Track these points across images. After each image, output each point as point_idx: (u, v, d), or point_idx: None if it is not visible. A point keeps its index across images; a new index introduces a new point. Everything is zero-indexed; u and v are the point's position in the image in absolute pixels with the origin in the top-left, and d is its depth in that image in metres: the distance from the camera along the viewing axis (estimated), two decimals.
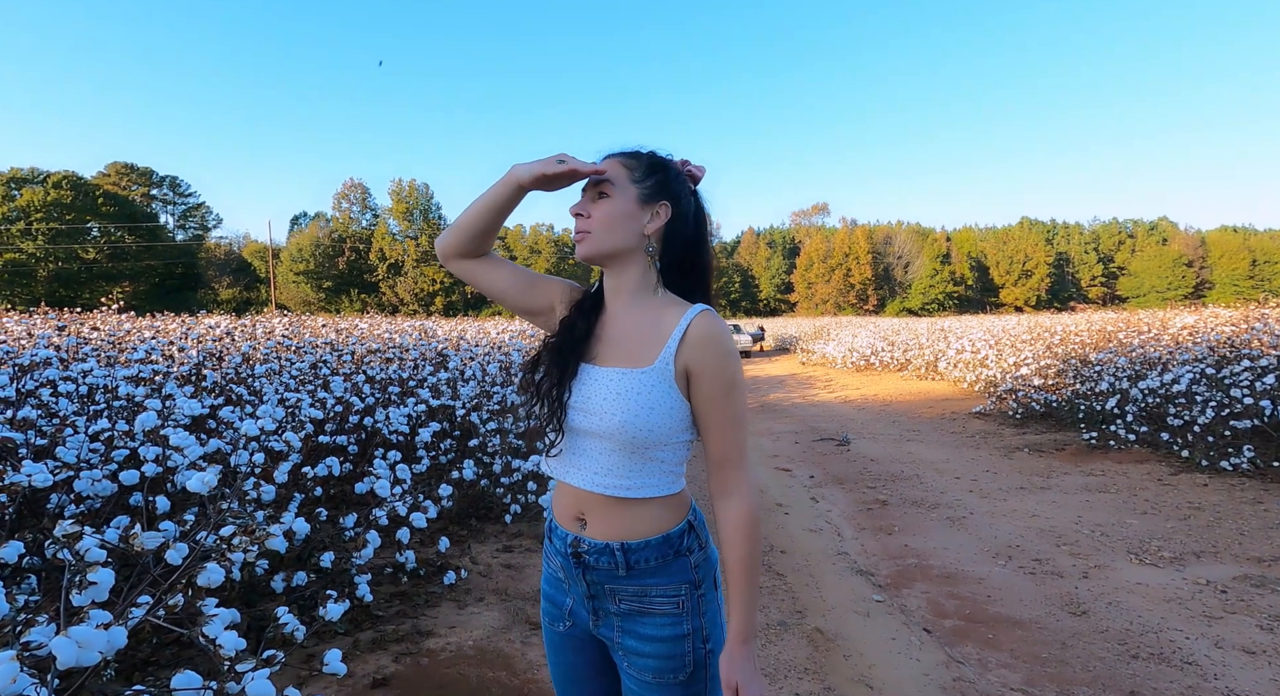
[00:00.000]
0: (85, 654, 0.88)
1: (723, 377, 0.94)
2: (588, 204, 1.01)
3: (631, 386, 0.94)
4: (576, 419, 0.98)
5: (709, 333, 0.95)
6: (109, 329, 4.99)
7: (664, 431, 0.94)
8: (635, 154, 1.03)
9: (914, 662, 2.41)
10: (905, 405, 9.37)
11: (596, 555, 0.97)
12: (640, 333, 0.99)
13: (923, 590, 3.08)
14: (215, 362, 4.16)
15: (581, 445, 0.99)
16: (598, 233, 0.99)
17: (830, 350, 17.31)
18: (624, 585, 0.97)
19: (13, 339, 4.40)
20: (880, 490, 4.84)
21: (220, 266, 52.73)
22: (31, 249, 38.83)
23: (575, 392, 0.99)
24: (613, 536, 0.96)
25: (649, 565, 0.96)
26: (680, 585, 0.97)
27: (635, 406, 0.92)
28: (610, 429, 0.93)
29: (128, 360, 3.22)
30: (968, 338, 12.06)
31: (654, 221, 1.00)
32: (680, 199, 1.02)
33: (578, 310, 1.06)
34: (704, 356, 0.94)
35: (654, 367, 0.94)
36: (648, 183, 1.00)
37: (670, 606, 0.96)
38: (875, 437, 6.94)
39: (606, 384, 0.96)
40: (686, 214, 1.03)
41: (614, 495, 0.95)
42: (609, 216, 0.99)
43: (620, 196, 0.99)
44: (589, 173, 1.01)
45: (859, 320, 30.01)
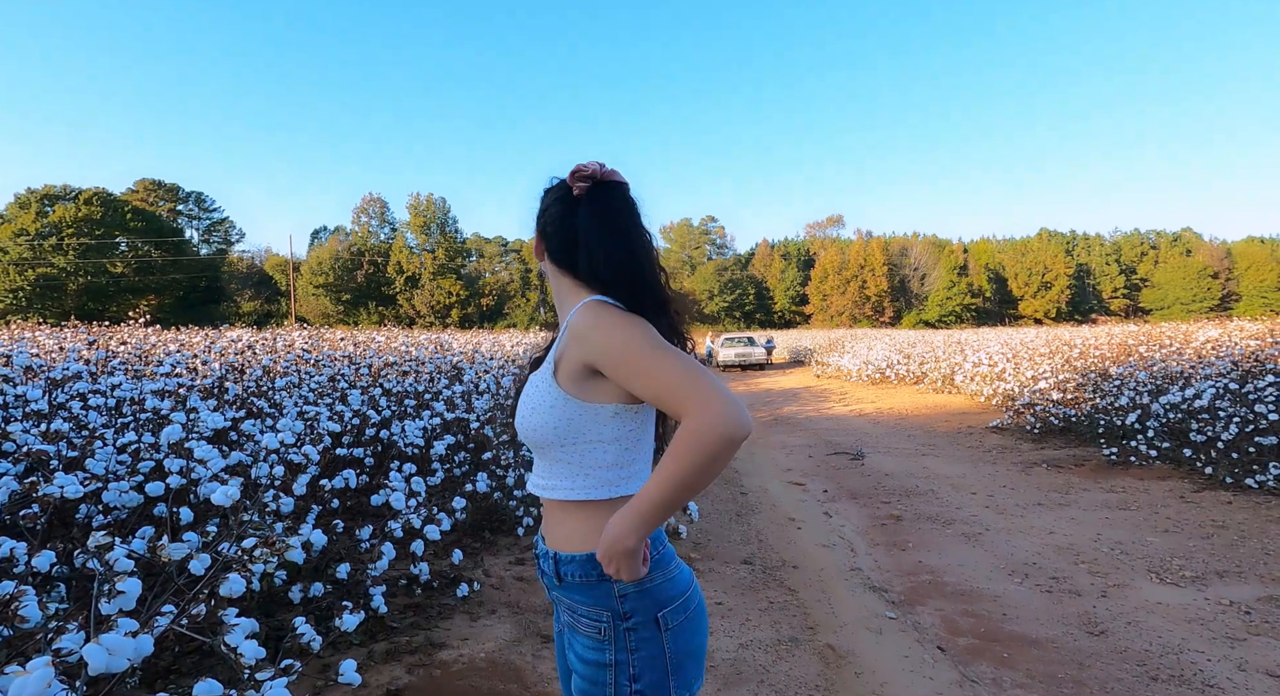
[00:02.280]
0: (115, 661, 0.92)
1: (615, 354, 0.91)
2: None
3: (530, 389, 0.99)
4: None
5: (580, 322, 0.96)
6: (135, 343, 5.14)
7: (550, 431, 0.95)
8: (546, 191, 1.11)
9: (927, 681, 2.39)
10: (921, 419, 9.27)
11: (541, 559, 1.01)
12: (551, 339, 1.06)
13: (937, 607, 3.05)
14: (237, 376, 4.26)
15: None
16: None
17: (845, 363, 17.19)
18: (559, 596, 0.99)
19: (44, 352, 4.55)
20: (894, 505, 4.80)
21: (243, 280, 53.85)
22: (62, 264, 39.97)
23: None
24: (551, 544, 0.99)
25: (574, 580, 0.95)
26: (602, 611, 0.94)
27: (525, 408, 0.98)
28: (519, 427, 1.00)
29: (154, 373, 3.31)
30: (985, 350, 11.93)
31: (537, 251, 1.10)
32: (539, 219, 1.09)
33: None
34: (587, 345, 0.93)
35: (541, 370, 1.00)
36: (542, 225, 1.09)
37: (592, 631, 0.94)
38: (890, 451, 6.87)
39: (525, 390, 1.03)
40: (545, 229, 1.07)
41: (537, 495, 1.01)
42: (530, 251, 1.16)
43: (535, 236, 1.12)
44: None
45: (874, 332, 29.78)
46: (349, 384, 4.18)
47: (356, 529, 2.51)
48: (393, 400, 4.25)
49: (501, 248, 63.41)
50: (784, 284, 63.93)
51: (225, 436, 2.72)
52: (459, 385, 4.82)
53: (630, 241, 1.02)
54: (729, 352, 20.66)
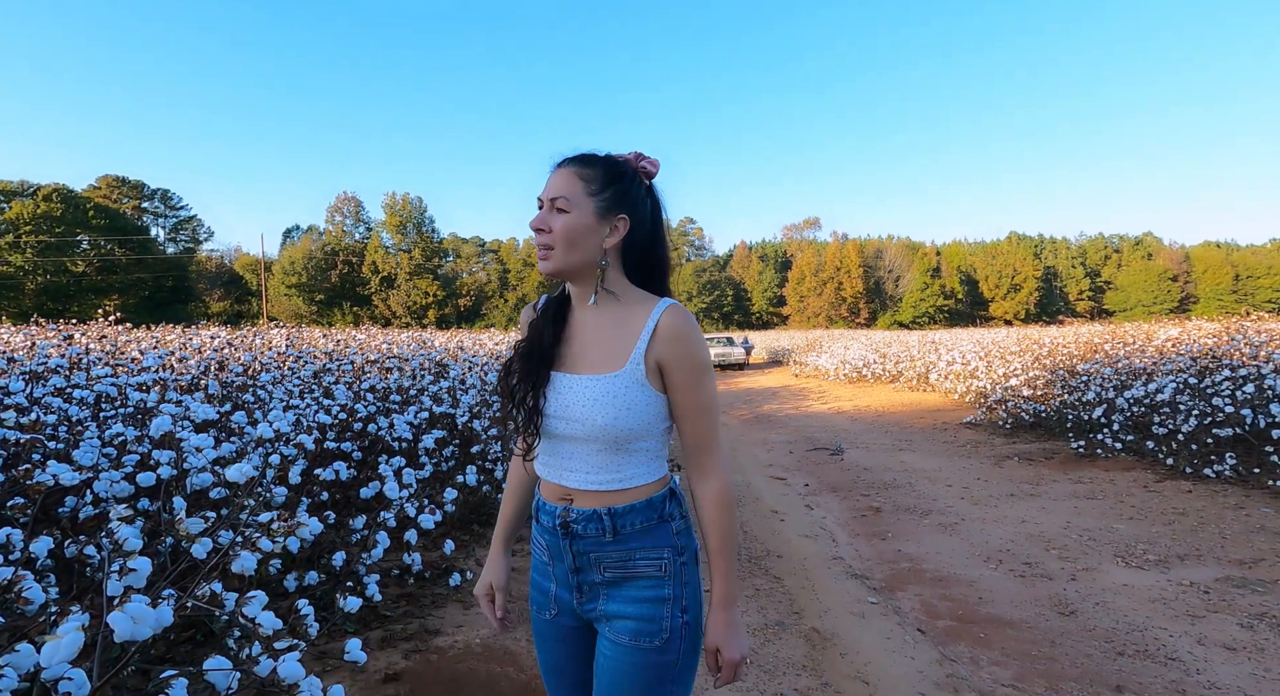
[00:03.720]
0: (139, 629, 0.94)
1: (693, 368, 0.98)
2: (547, 218, 1.01)
3: (606, 392, 0.97)
4: (557, 426, 1.01)
5: (677, 326, 0.98)
6: (110, 340, 5.02)
7: (643, 427, 0.98)
8: (589, 161, 1.02)
9: (908, 661, 2.48)
10: (897, 416, 9.48)
11: (585, 522, 1.00)
12: (607, 336, 1.02)
13: (916, 592, 3.15)
14: (218, 371, 4.20)
15: (565, 449, 1.02)
16: (559, 250, 1.00)
17: (823, 362, 17.45)
18: (609, 551, 1.00)
19: (14, 350, 4.43)
20: (874, 498, 4.92)
21: (211, 279, 52.54)
22: (20, 262, 38.58)
23: (551, 401, 1.01)
24: (598, 502, 1.01)
25: (634, 528, 0.99)
26: (663, 549, 1.00)
27: (613, 411, 0.96)
28: (592, 433, 0.97)
29: (141, 368, 3.26)
30: (958, 350, 12.23)
31: (613, 235, 1.02)
32: (637, 207, 1.03)
33: (544, 316, 1.09)
34: (674, 350, 0.97)
35: (625, 371, 0.98)
36: (605, 195, 1.00)
37: (653, 569, 0.99)
38: (868, 447, 7.03)
39: (582, 391, 0.99)
40: (644, 221, 1.04)
41: (604, 489, 1.00)
42: (568, 232, 0.99)
43: (578, 211, 0.99)
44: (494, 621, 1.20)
45: (851, 333, 30.23)
46: (334, 379, 4.16)
47: (348, 520, 2.52)
48: (378, 395, 4.23)
49: (479, 248, 62.90)
50: (761, 285, 64.57)
51: (212, 428, 2.70)
52: (444, 381, 4.81)
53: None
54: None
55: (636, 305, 1.02)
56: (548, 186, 1.02)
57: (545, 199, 1.02)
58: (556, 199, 0.99)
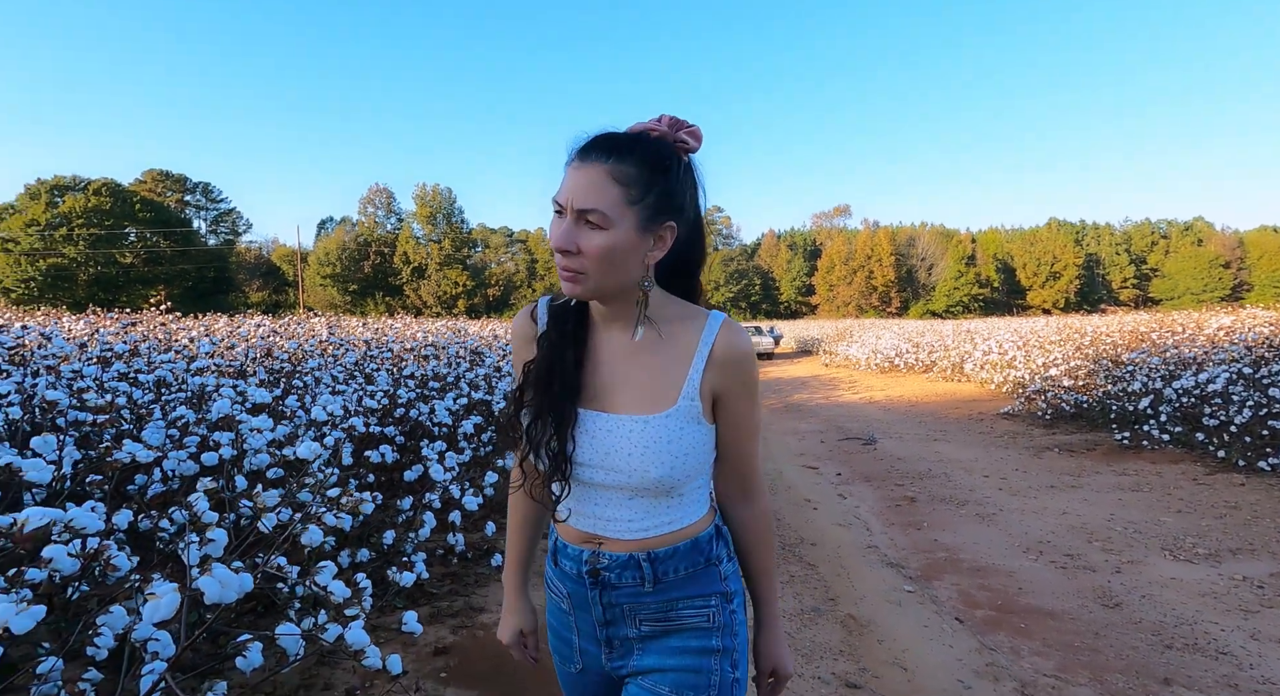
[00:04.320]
0: (226, 592, 1.01)
1: (751, 392, 0.87)
2: (575, 234, 0.78)
3: (656, 436, 0.81)
4: (591, 476, 0.84)
5: (737, 349, 0.84)
6: (164, 328, 5.25)
7: (699, 469, 0.85)
8: (624, 152, 0.78)
9: (947, 648, 2.47)
10: (931, 406, 9.32)
11: (619, 570, 0.85)
12: (649, 363, 0.85)
13: (953, 582, 3.13)
14: (265, 358, 4.36)
15: (598, 496, 0.86)
16: (594, 275, 0.79)
17: (853, 352, 17.22)
18: (648, 601, 0.86)
19: (75, 337, 4.66)
20: (908, 487, 4.87)
21: (250, 270, 54.13)
22: (73, 253, 40.28)
23: (584, 446, 0.84)
24: (636, 548, 0.85)
25: (678, 575, 0.86)
26: (710, 596, 0.87)
27: (668, 459, 0.81)
28: (641, 485, 0.82)
29: (197, 355, 3.41)
30: (994, 339, 11.95)
31: (658, 248, 0.82)
32: (685, 208, 0.84)
33: (559, 333, 0.88)
34: (733, 376, 0.84)
35: (678, 409, 0.82)
36: (648, 201, 0.79)
37: (700, 619, 0.86)
38: (901, 437, 6.94)
39: (625, 436, 0.82)
40: (692, 217, 0.86)
41: (649, 537, 0.85)
42: (606, 254, 0.78)
43: (618, 227, 0.77)
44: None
45: (882, 322, 29.74)
46: (376, 366, 4.28)
47: (395, 501, 2.61)
48: (416, 382, 4.35)
49: (507, 238, 63.44)
50: (790, 274, 63.79)
51: (264, 412, 2.81)
52: (480, 368, 4.91)
53: None
54: None
55: (680, 322, 0.86)
56: (571, 188, 0.78)
57: (569, 207, 0.78)
58: (589, 213, 0.77)
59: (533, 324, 0.92)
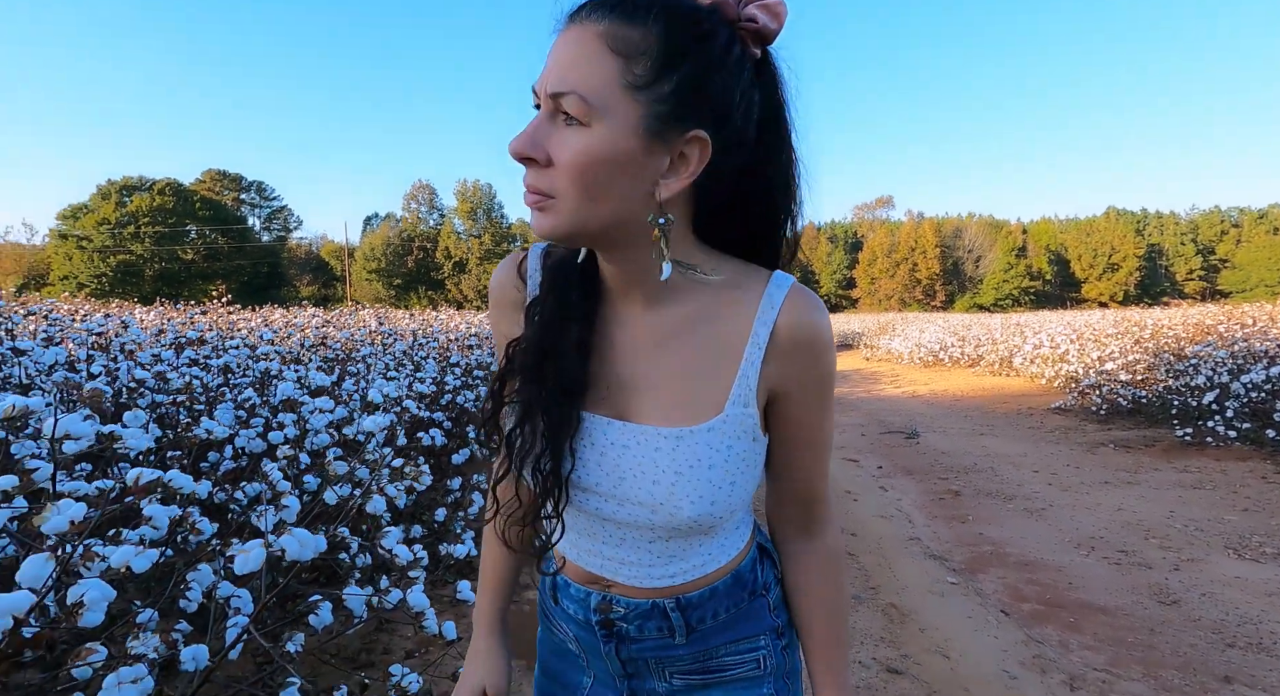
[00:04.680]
0: (304, 550, 1.10)
1: (825, 393, 0.61)
2: (541, 134, 0.51)
3: (696, 457, 0.57)
4: (599, 506, 0.61)
5: (808, 330, 0.58)
6: (227, 319, 5.55)
7: (749, 497, 0.62)
8: (635, 8, 0.50)
9: (991, 639, 2.44)
10: (977, 400, 9.07)
11: (639, 621, 0.65)
12: (687, 352, 0.59)
13: (999, 575, 3.07)
14: (319, 347, 4.57)
15: (607, 532, 0.63)
16: (569, 198, 0.51)
17: (896, 346, 16.85)
18: (680, 654, 0.66)
19: (148, 326, 4.98)
20: (952, 481, 4.78)
21: (301, 265, 56.24)
22: (139, 250, 42.61)
23: (589, 465, 0.60)
24: (659, 592, 0.64)
25: (717, 621, 0.65)
26: (759, 636, 0.67)
27: (708, 489, 0.57)
28: (669, 525, 0.59)
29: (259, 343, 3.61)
30: (1046, 332, 11.53)
31: (677, 173, 0.53)
32: (730, 113, 0.52)
33: (558, 302, 0.61)
34: (802, 369, 0.59)
35: (725, 417, 0.57)
36: (662, 88, 0.50)
37: (749, 668, 0.67)
38: (946, 432, 6.79)
39: (647, 456, 0.58)
40: (743, 132, 0.54)
41: (675, 584, 0.64)
42: (585, 165, 0.50)
43: (606, 122, 0.49)
44: None
45: (926, 316, 28.96)
46: (423, 355, 4.43)
47: (446, 481, 2.72)
48: (461, 371, 4.48)
49: None
50: (830, 267, 62.65)
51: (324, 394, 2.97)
52: None
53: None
54: None
55: (727, 292, 0.59)
56: (548, 65, 0.52)
57: (542, 92, 0.51)
58: (562, 97, 0.50)
59: (519, 282, 0.65)
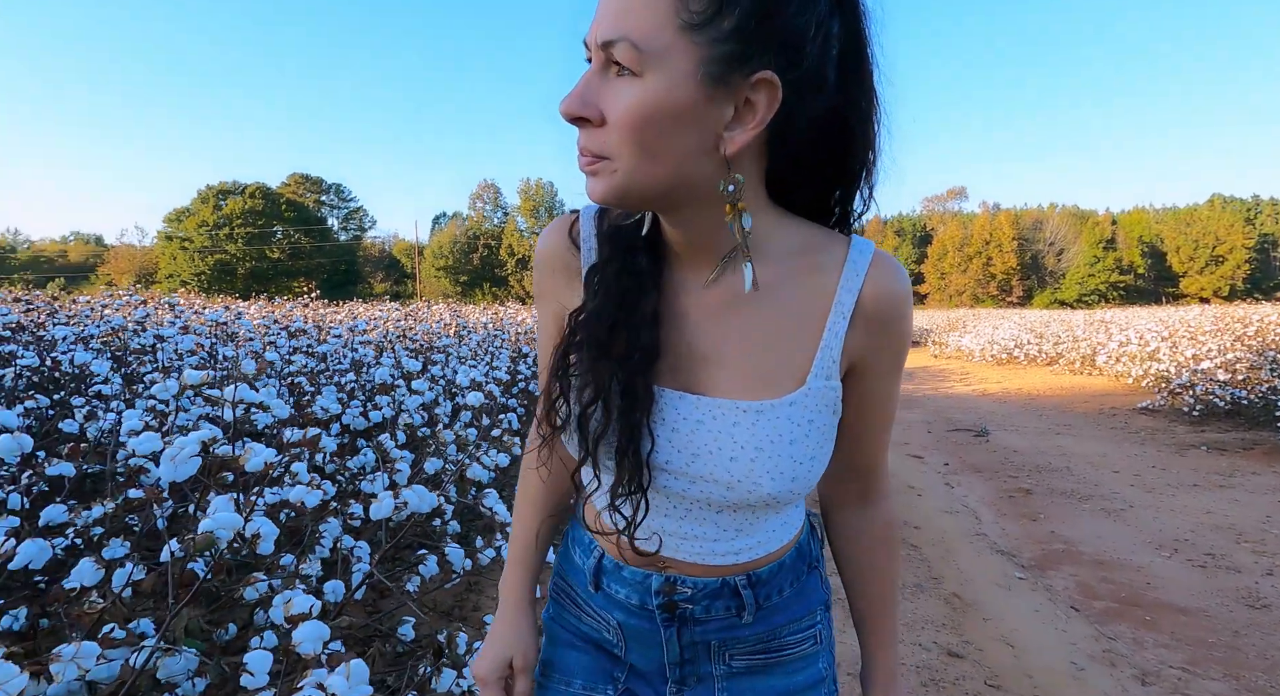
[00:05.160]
0: (422, 504, 1.28)
1: (901, 362, 0.59)
2: (593, 91, 0.48)
3: (776, 432, 0.54)
4: (669, 483, 0.58)
5: (894, 298, 0.56)
6: (318, 313, 6.04)
7: (822, 472, 0.59)
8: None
9: (1059, 633, 2.42)
10: (1055, 399, 8.65)
11: (708, 601, 0.61)
12: (763, 322, 0.56)
13: (1070, 573, 3.01)
14: (401, 338, 4.93)
15: (675, 507, 0.60)
16: (625, 158, 0.47)
17: (966, 343, 16.18)
18: (745, 634, 0.64)
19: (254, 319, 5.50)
20: (1023, 480, 4.64)
21: (374, 263, 59.27)
22: (233, 250, 46.06)
23: (663, 442, 0.56)
24: (731, 570, 0.61)
25: (785, 593, 0.64)
26: (816, 610, 0.67)
27: (790, 464, 0.54)
28: (746, 501, 0.56)
29: (349, 334, 3.95)
30: (1134, 329, 10.82)
31: (744, 123, 0.47)
32: (804, 43, 0.46)
33: (623, 265, 0.56)
34: (885, 339, 0.57)
35: (808, 390, 0.55)
36: (721, 26, 0.44)
37: (806, 644, 0.66)
38: (1018, 430, 6.55)
39: (725, 431, 0.54)
40: (819, 71, 0.48)
41: (743, 561, 0.61)
42: (638, 120, 0.46)
43: (660, 70, 0.45)
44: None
45: (1000, 312, 27.56)
46: (497, 347, 4.70)
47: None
48: (533, 361, 4.73)
49: None
50: None
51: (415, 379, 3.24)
52: None
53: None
54: None
55: (803, 256, 0.56)
56: (599, 14, 0.48)
57: (593, 44, 0.48)
58: (613, 46, 0.46)
59: (573, 248, 0.60)
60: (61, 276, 49.09)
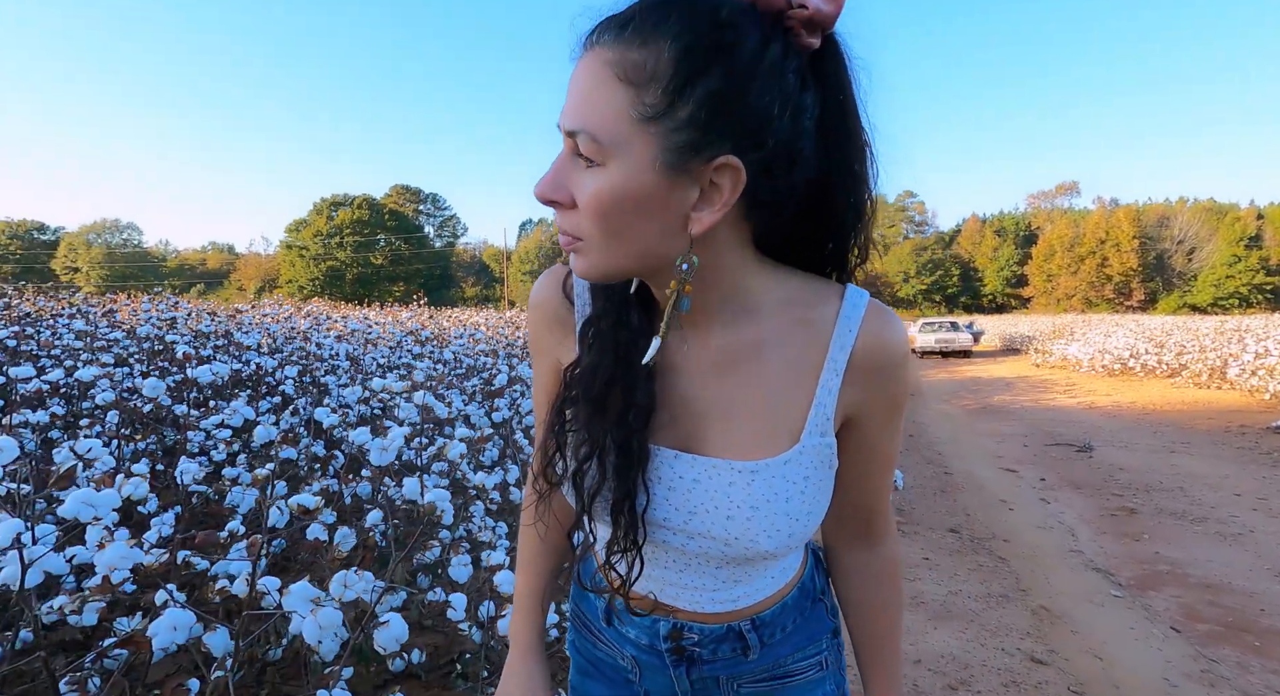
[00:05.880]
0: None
1: (899, 413, 0.61)
2: (561, 176, 0.50)
3: (774, 491, 0.56)
4: (667, 538, 0.59)
5: (888, 351, 0.57)
6: (432, 319, 6.69)
7: (819, 523, 0.61)
8: (642, 23, 0.46)
9: (1154, 651, 2.42)
10: (1173, 415, 8.02)
11: (714, 645, 0.65)
12: (756, 377, 0.57)
13: (1174, 594, 2.94)
14: (507, 347, 5.42)
15: (672, 559, 0.62)
16: (595, 241, 0.50)
17: (1073, 351, 15.10)
18: (752, 668, 0.67)
19: (382, 325, 6.19)
20: (1128, 498, 4.45)
21: (466, 268, 62.60)
22: (343, 257, 50.19)
23: (658, 500, 0.58)
24: (732, 615, 0.64)
25: (788, 630, 0.67)
26: (822, 639, 0.70)
27: (786, 522, 0.56)
28: (744, 556, 0.58)
29: (471, 338, 4.44)
30: (1274, 338, 9.78)
31: (711, 204, 0.49)
32: (768, 123, 0.47)
33: (617, 321, 0.57)
34: (880, 391, 0.58)
35: (803, 448, 0.56)
36: (677, 115, 0.45)
37: (813, 670, 0.70)
38: (1127, 446, 6.18)
39: (721, 491, 0.56)
40: (791, 146, 0.48)
41: (743, 607, 0.64)
42: (601, 209, 0.48)
43: (619, 161, 0.47)
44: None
45: (1115, 318, 25.36)
46: None
47: None
48: None
49: None
50: (996, 263, 56.74)
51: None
52: None
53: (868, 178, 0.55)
54: (928, 338, 19.26)
55: (796, 310, 0.57)
56: (566, 100, 0.49)
57: (563, 130, 0.49)
58: (576, 135, 0.48)
59: (565, 300, 0.63)
60: (201, 282, 55.38)
